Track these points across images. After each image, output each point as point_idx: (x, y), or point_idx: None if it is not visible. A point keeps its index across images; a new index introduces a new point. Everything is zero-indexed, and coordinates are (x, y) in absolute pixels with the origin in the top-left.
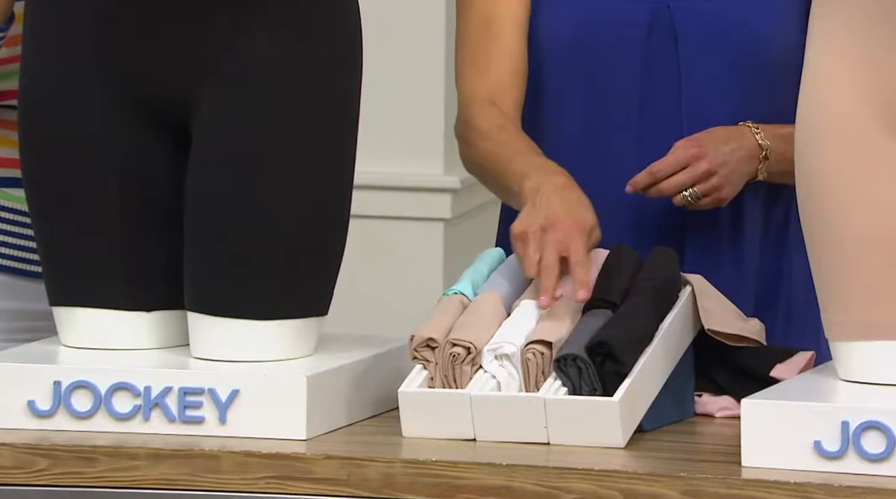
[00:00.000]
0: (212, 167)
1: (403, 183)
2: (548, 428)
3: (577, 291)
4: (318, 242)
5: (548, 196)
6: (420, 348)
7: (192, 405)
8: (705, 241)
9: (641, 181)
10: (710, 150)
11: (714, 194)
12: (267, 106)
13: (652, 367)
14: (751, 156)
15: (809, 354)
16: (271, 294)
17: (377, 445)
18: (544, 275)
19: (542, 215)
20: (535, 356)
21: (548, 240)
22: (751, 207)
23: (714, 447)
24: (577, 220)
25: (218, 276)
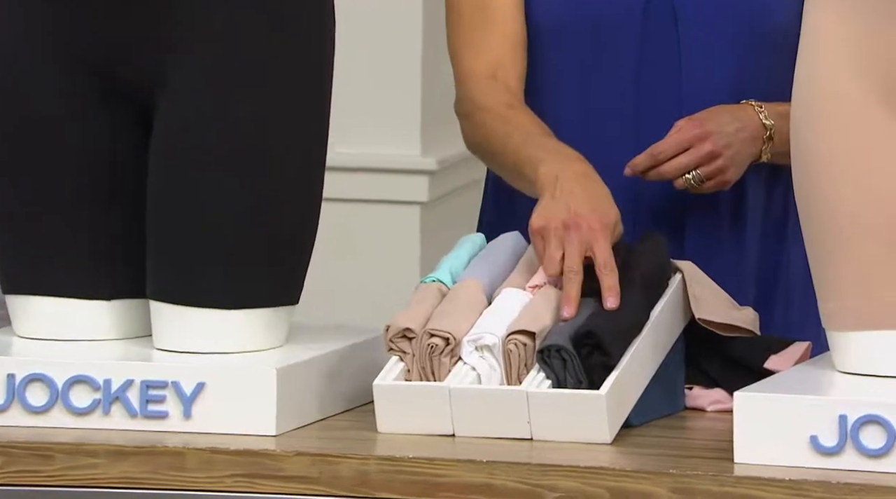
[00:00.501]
0: (175, 149)
1: (378, 164)
2: (531, 423)
3: (606, 298)
4: (288, 226)
5: (569, 186)
6: (396, 339)
7: (155, 399)
8: (707, 225)
9: (641, 163)
10: (714, 130)
11: (718, 177)
12: (233, 85)
13: (640, 358)
14: (755, 136)
15: (805, 345)
16: (239, 282)
17: (351, 441)
18: (568, 281)
19: (564, 209)
20: (518, 347)
21: (571, 238)
22: (753, 189)
23: (705, 443)
24: (601, 215)
25: (182, 263)
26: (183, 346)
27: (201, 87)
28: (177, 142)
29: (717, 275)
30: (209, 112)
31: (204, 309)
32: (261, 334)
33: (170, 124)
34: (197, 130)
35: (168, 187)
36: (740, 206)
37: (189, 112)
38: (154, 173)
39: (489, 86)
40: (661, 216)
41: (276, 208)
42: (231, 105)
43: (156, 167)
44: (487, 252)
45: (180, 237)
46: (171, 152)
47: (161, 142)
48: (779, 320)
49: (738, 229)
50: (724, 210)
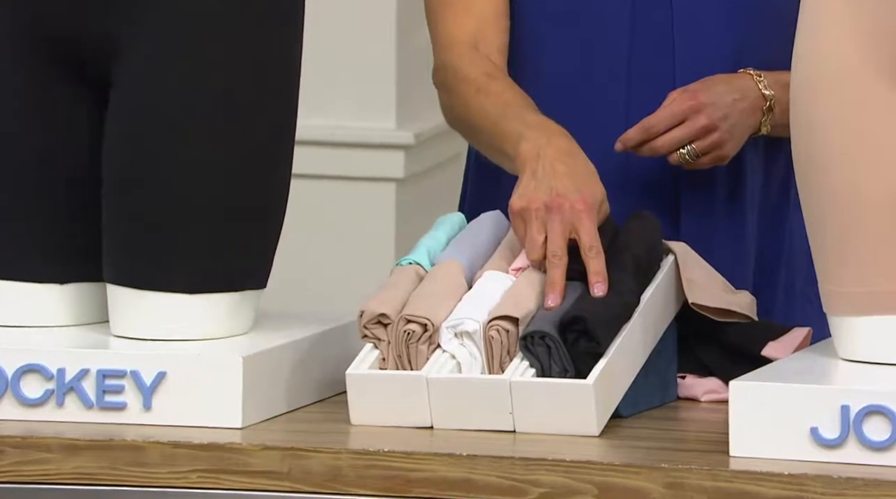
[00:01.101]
0: (133, 126)
1: (351, 139)
2: (514, 414)
3: (593, 284)
4: (254, 205)
5: (551, 164)
6: (370, 325)
7: (113, 390)
8: (703, 204)
9: (633, 137)
10: (709, 101)
11: (715, 152)
12: (194, 54)
13: (630, 345)
14: (754, 107)
15: (805, 331)
16: (202, 264)
17: (322, 433)
18: (551, 266)
19: (546, 189)
20: (500, 334)
21: (553, 220)
22: (752, 165)
23: (699, 435)
24: (585, 195)
25: (141, 244)
26: (142, 332)
27: (159, 60)
28: (134, 118)
29: (714, 256)
30: (168, 86)
31: (165, 293)
32: (226, 320)
33: (126, 100)
34: (155, 106)
35: (125, 165)
36: (739, 182)
37: (147, 87)
38: (110, 150)
39: (469, 55)
40: (653, 194)
41: (242, 186)
42: (191, 79)
43: (112, 144)
44: (468, 233)
45: (138, 217)
46: (129, 129)
47: (117, 118)
48: (779, 305)
49: (737, 208)
50: (722, 187)
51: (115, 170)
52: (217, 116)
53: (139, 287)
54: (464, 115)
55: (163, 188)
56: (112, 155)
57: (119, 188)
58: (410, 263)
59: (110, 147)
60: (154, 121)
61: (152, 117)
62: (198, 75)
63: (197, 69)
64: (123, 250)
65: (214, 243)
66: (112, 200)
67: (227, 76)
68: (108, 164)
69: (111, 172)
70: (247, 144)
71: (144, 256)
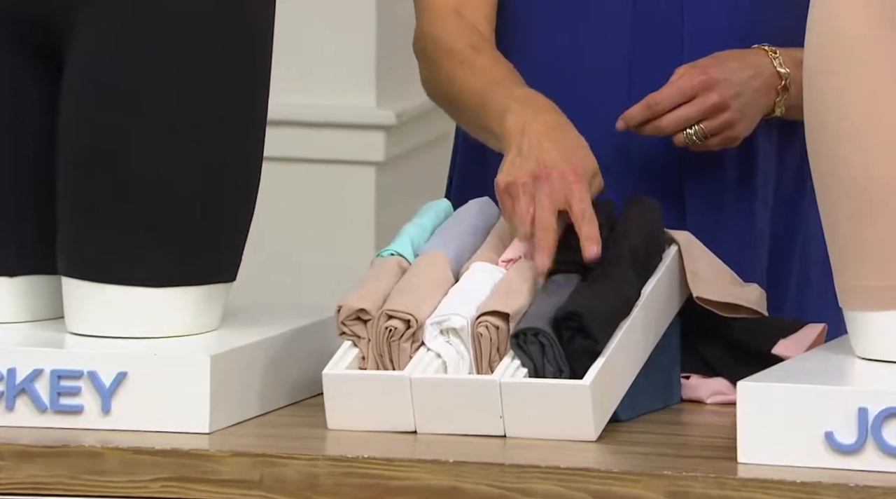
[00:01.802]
0: (89, 106)
1: (326, 118)
2: (504, 418)
3: (586, 248)
4: (222, 191)
5: (537, 138)
6: (349, 321)
7: (69, 392)
8: (710, 190)
9: (636, 115)
10: (720, 78)
11: (725, 133)
12: (156, 27)
13: (630, 343)
14: (768, 86)
15: (820, 327)
16: (166, 255)
17: (297, 439)
18: (541, 234)
19: (533, 162)
20: (489, 331)
21: (541, 190)
22: (764, 148)
23: (704, 440)
24: (575, 165)
25: (99, 233)
26: (101, 329)
27: (117, 36)
28: (89, 98)
29: (720, 247)
30: (127, 64)
31: (125, 287)
32: (192, 316)
33: (82, 79)
34: (113, 85)
35: (81, 148)
36: (749, 167)
37: (104, 65)
38: (65, 132)
39: (453, 23)
40: (657, 178)
41: (209, 171)
42: (153, 55)
43: (67, 125)
44: (454, 221)
45: (97, 204)
46: (85, 109)
47: (73, 98)
48: (792, 300)
49: (746, 194)
50: (731, 172)
51: (70, 153)
52: (180, 97)
53: (97, 280)
54: (447, 90)
55: (123, 176)
56: (67, 137)
57: (75, 173)
58: (392, 255)
59: (65, 129)
60: (110, 101)
61: (108, 97)
62: (161, 55)
63: (160, 49)
64: (79, 240)
65: (178, 232)
66: (67, 185)
67: (194, 55)
68: (63, 146)
69: (66, 155)
70: (213, 126)
71: (102, 247)
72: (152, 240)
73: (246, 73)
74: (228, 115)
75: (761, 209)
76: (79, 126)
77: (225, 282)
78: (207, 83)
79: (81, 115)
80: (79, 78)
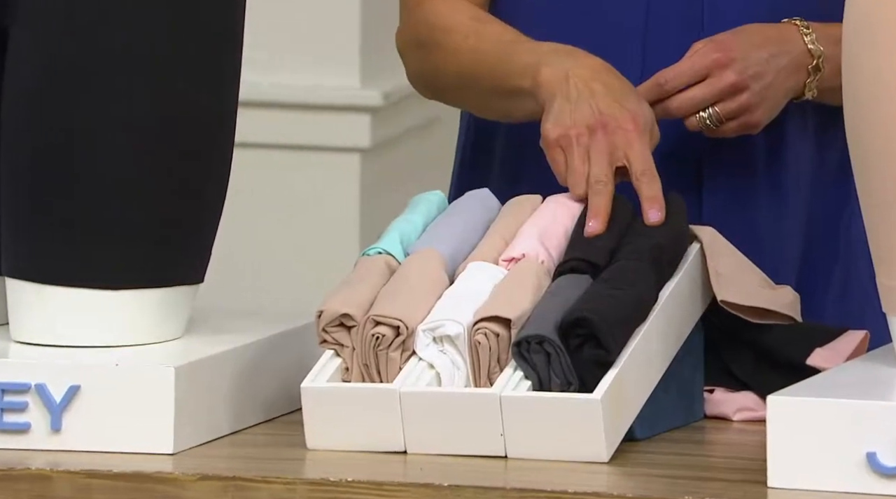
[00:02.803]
0: (35, 83)
1: (305, 99)
2: (505, 436)
3: (647, 211)
4: (186, 181)
5: (585, 82)
6: (331, 328)
7: (14, 408)
8: (731, 182)
9: (644, 95)
10: (739, 55)
11: (743, 117)
12: (110, 8)
13: (647, 352)
14: (797, 65)
15: (861, 335)
16: (124, 254)
17: (272, 460)
18: (596, 194)
19: (587, 110)
20: (488, 338)
21: (599, 143)
22: (795, 135)
23: (730, 462)
24: (635, 114)
25: (49, 230)
26: (49, 338)
27: (67, 12)
28: (35, 77)
29: (746, 246)
30: (77, 46)
31: (77, 289)
32: (154, 322)
33: (28, 62)
34: (61, 61)
35: (24, 131)
36: (778, 155)
37: (52, 47)
38: (9, 119)
39: (445, 4)
40: (671, 167)
41: (172, 160)
42: (106, 36)
43: (9, 105)
44: (449, 215)
45: (44, 199)
46: (28, 89)
47: (17, 84)
48: (831, 304)
49: (775, 186)
50: (757, 161)
51: (16, 145)
52: (141, 78)
53: (44, 282)
54: (454, 68)
55: (74, 166)
56: (9, 118)
57: (17, 159)
58: (379, 253)
59: (7, 117)
60: (57, 80)
61: (55, 76)
62: (115, 36)
63: (114, 29)
64: (27, 238)
65: (138, 227)
66: (11, 180)
67: (151, 36)
68: (6, 137)
69: (10, 148)
70: (178, 112)
71: (50, 244)
72: (106, 236)
73: (216, 45)
74: (195, 95)
75: (793, 203)
76: (20, 108)
77: (191, 284)
78: (176, 59)
79: (24, 94)
80: (22, 63)
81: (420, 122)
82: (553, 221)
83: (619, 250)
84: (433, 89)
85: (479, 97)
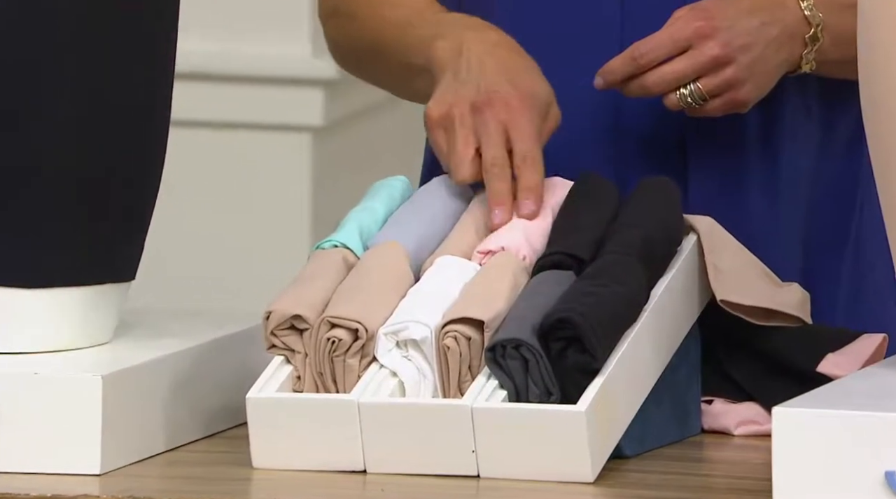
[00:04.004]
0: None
1: (249, 71)
2: (477, 453)
3: (522, 202)
4: (114, 167)
5: (477, 58)
6: (280, 331)
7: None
8: (719, 168)
9: (618, 69)
10: (724, 24)
11: (728, 94)
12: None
13: (637, 359)
14: (791, 35)
15: (878, 339)
16: (42, 249)
17: (214, 481)
18: (492, 178)
19: (473, 88)
20: (459, 343)
21: (486, 123)
22: (793, 113)
23: (731, 481)
24: (524, 91)
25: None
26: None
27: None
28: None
29: (739, 239)
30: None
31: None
32: (78, 326)
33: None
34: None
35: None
36: (772, 135)
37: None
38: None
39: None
40: (650, 152)
41: (99, 141)
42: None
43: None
44: (415, 203)
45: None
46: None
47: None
48: (843, 304)
49: (769, 171)
50: (748, 142)
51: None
52: (62, 50)
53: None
54: (362, 42)
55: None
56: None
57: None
58: (335, 246)
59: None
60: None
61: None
62: (35, 5)
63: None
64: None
65: (62, 220)
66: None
67: None
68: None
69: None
70: (104, 86)
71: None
72: (25, 229)
73: (145, 14)
74: (125, 67)
75: (791, 190)
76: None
77: (120, 282)
78: (102, 27)
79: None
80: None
81: (380, 97)
82: (541, 214)
83: (606, 243)
84: (348, 62)
85: (388, 74)
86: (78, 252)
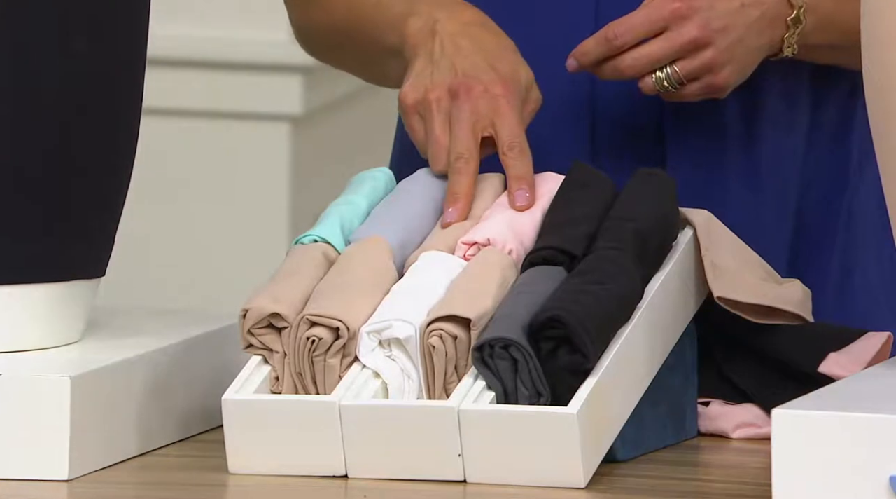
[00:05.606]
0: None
1: (225, 57)
2: (464, 457)
3: (514, 193)
4: (83, 157)
5: (451, 39)
6: (258, 330)
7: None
8: (698, 156)
9: (591, 51)
10: (701, 5)
11: (706, 78)
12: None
13: (631, 359)
14: (773, 17)
15: (883, 337)
16: (7, 244)
17: (188, 487)
18: (456, 171)
19: (448, 70)
20: (445, 342)
21: (461, 110)
22: (778, 100)
23: (729, 487)
24: (505, 75)
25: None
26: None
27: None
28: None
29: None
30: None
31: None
32: (45, 325)
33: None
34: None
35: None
36: (754, 121)
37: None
38: None
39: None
40: (625, 139)
41: (65, 129)
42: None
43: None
44: (398, 196)
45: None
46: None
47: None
48: (831, 300)
49: (751, 159)
50: (728, 128)
51: None
52: (27, 32)
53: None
54: (326, 25)
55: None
56: None
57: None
58: (315, 241)
59: None
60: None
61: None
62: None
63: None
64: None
65: (27, 214)
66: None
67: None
68: None
69: None
70: (72, 69)
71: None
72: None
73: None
74: (89, 55)
75: (774, 180)
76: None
77: (89, 278)
78: (57, 13)
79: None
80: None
81: (360, 85)
82: None
83: (598, 237)
84: (312, 47)
85: (359, 56)
86: (44, 247)
